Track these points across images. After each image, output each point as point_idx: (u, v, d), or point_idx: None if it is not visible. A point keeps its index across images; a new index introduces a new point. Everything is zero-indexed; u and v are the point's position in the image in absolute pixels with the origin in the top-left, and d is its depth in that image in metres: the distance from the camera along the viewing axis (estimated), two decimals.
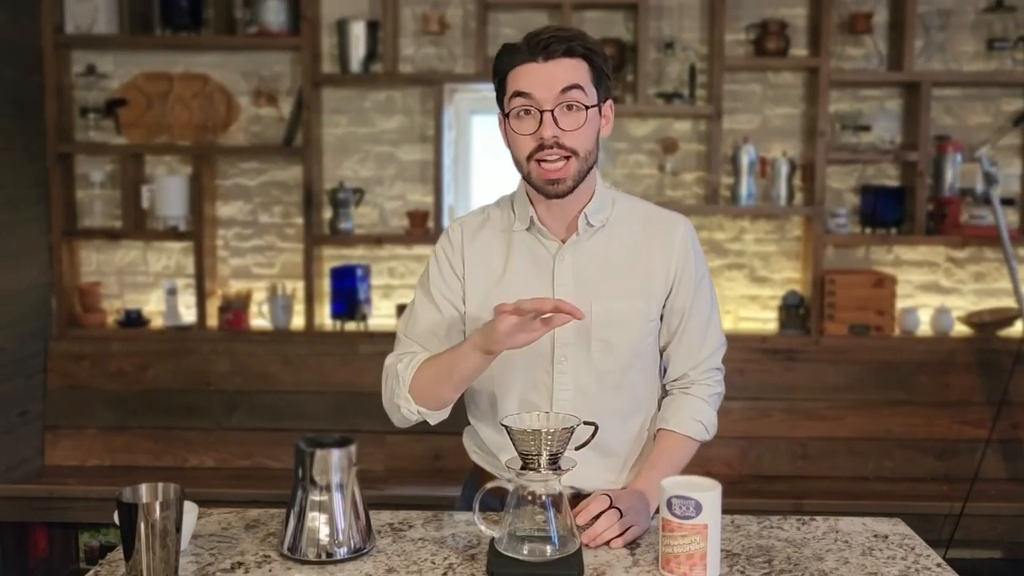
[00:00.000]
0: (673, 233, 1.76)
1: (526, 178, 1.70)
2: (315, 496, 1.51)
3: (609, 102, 1.70)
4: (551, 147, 1.62)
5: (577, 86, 1.62)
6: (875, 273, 3.70)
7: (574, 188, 1.67)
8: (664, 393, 1.86)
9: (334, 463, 1.51)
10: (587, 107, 1.63)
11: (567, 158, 1.64)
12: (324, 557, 1.51)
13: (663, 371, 1.85)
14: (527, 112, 1.63)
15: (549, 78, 1.61)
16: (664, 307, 1.77)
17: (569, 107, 1.62)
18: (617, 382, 1.74)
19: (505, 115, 1.68)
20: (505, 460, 1.49)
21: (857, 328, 3.64)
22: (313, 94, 3.70)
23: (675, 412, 1.78)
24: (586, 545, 1.55)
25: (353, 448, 1.54)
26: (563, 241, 1.73)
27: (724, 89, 3.65)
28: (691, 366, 1.80)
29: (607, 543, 1.58)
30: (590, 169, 1.69)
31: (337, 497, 1.51)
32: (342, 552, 1.51)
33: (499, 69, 1.67)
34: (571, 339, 1.71)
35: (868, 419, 3.58)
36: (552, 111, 1.61)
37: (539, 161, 1.64)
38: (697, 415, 1.78)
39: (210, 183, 3.83)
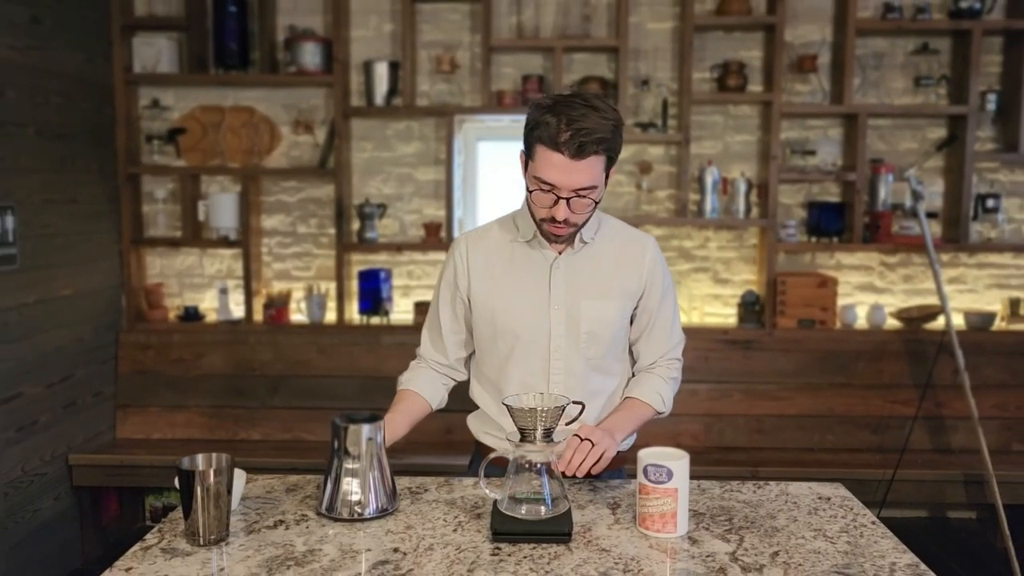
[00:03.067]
0: (644, 250, 1.82)
1: (536, 225, 1.72)
2: (348, 464, 1.52)
3: (612, 168, 1.70)
4: (561, 223, 1.66)
5: (592, 186, 1.63)
6: (819, 275, 3.70)
7: (571, 239, 1.73)
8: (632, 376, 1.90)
9: (364, 436, 1.52)
10: (596, 201, 1.66)
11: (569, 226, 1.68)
12: (355, 516, 1.51)
13: (634, 361, 1.89)
14: (546, 191, 1.64)
15: (571, 176, 1.61)
16: (636, 308, 1.82)
17: (581, 196, 1.63)
18: (598, 365, 1.79)
19: (526, 168, 1.69)
20: (507, 434, 1.50)
21: (804, 322, 3.64)
22: (343, 124, 3.70)
23: (639, 384, 1.84)
24: (573, 475, 1.57)
25: (380, 423, 1.55)
26: (559, 253, 1.77)
27: (692, 119, 3.66)
28: (659, 355, 1.86)
29: (589, 472, 1.59)
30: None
31: (367, 465, 1.52)
32: (370, 511, 1.52)
33: (533, 132, 1.63)
34: (563, 332, 1.75)
35: (813, 399, 3.58)
36: (568, 199, 1.63)
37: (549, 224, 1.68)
38: (658, 389, 1.82)
39: (256, 199, 3.83)
